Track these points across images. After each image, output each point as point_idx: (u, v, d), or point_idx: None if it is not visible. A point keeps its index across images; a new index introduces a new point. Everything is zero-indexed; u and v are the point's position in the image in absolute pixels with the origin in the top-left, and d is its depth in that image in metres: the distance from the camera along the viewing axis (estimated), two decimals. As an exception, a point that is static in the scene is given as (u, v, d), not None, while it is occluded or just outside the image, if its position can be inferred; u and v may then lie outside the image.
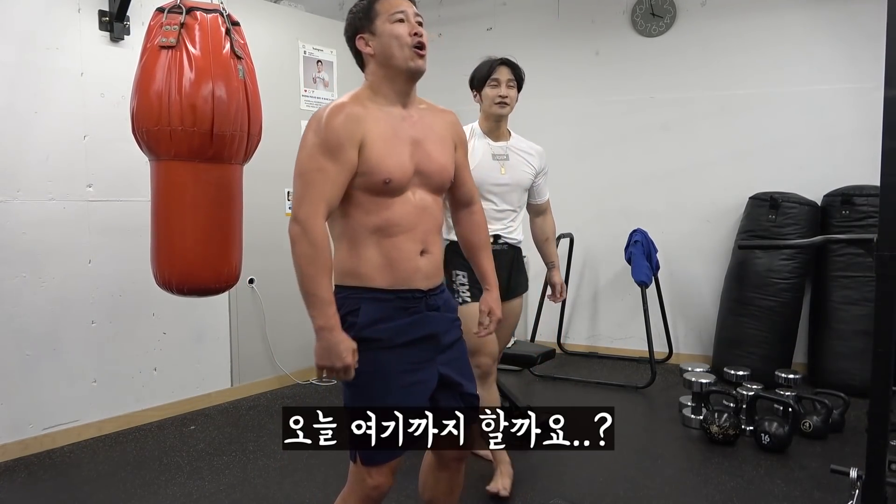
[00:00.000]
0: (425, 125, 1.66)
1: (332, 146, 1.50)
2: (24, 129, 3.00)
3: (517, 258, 2.68)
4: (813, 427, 3.15)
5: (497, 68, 2.56)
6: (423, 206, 1.62)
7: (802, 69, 4.25)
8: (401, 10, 1.60)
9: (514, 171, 2.57)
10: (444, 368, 1.66)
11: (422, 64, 1.61)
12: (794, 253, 4.01)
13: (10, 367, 2.98)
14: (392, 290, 1.58)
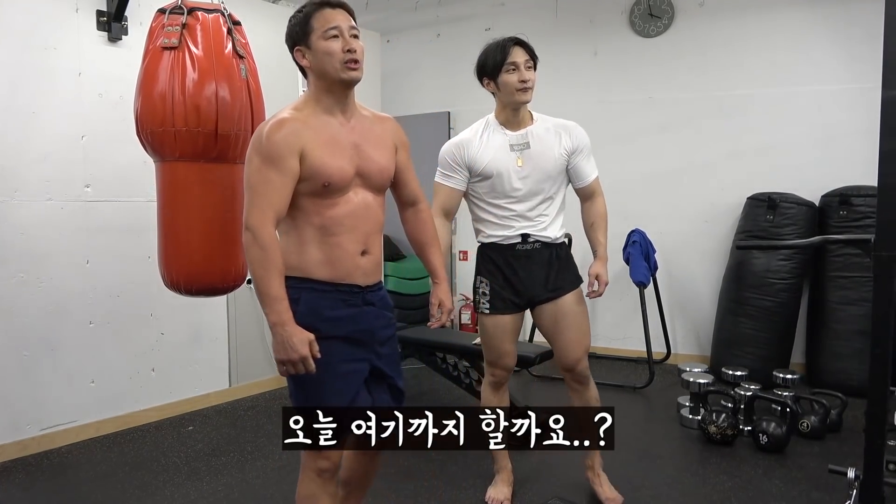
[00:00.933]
0: (365, 130, 1.77)
1: (274, 158, 1.61)
2: (23, 130, 3.00)
3: (558, 255, 2.40)
4: (811, 427, 3.16)
5: (511, 50, 2.26)
6: (366, 205, 1.74)
7: (800, 69, 4.26)
8: (334, 25, 1.67)
9: (536, 159, 2.31)
10: (377, 362, 1.79)
11: (355, 75, 1.69)
12: (791, 253, 4.02)
13: (8, 368, 2.98)
14: (331, 283, 1.70)
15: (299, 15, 1.72)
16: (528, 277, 2.37)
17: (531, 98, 2.31)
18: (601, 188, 2.46)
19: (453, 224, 5.44)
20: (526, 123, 2.37)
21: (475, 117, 2.58)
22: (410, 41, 5.60)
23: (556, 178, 2.36)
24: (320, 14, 1.69)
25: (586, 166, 2.40)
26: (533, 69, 2.30)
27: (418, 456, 2.97)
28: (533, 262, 2.37)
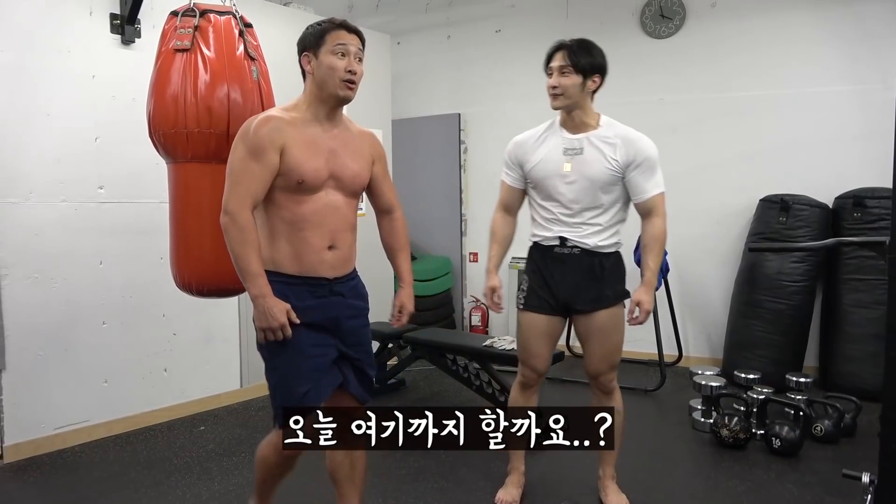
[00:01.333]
0: (344, 139, 1.94)
1: (256, 150, 1.77)
2: (37, 132, 3.03)
3: (602, 265, 2.34)
4: (824, 431, 3.13)
5: (553, 55, 2.29)
6: (335, 206, 1.89)
7: (813, 70, 4.22)
8: (344, 43, 1.85)
9: (584, 166, 2.27)
10: (344, 348, 1.93)
11: (349, 94, 1.88)
12: (805, 255, 3.99)
13: (22, 367, 3.01)
14: (300, 276, 1.86)
15: (318, 27, 1.88)
16: (563, 281, 2.36)
17: (561, 104, 2.30)
18: (663, 208, 2.33)
19: (463, 225, 5.46)
20: (586, 128, 2.31)
21: (486, 119, 2.59)
22: (421, 43, 5.61)
23: (606, 188, 2.29)
24: (336, 32, 1.85)
25: (643, 182, 2.29)
26: (573, 75, 2.24)
27: (428, 457, 2.97)
28: (570, 268, 2.34)
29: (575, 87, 2.25)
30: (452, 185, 5.47)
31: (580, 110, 2.31)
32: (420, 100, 5.57)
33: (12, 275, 2.96)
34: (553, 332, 2.45)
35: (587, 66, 2.25)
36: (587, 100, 2.32)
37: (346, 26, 1.88)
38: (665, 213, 2.33)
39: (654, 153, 2.30)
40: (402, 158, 5.21)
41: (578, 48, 2.25)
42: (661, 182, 2.32)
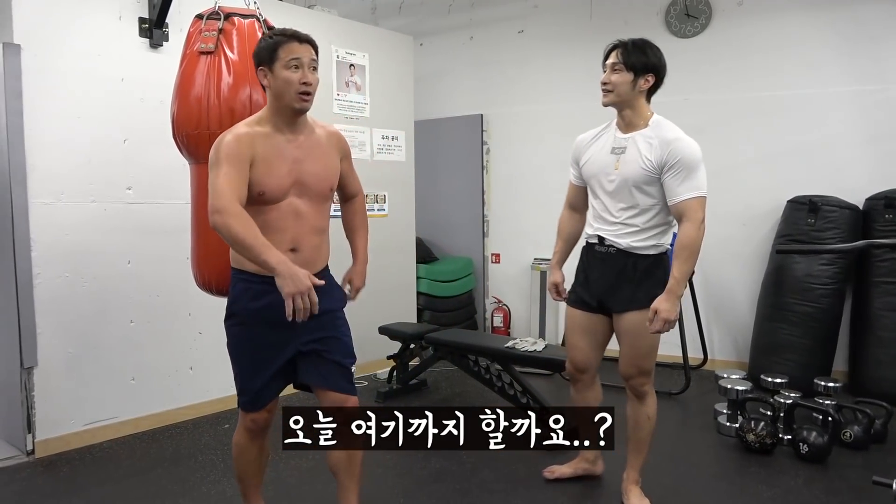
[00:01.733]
0: (309, 145, 2.00)
1: (232, 159, 1.85)
2: (68, 134, 3.09)
3: (637, 267, 2.32)
4: (854, 437, 3.06)
5: (608, 53, 2.33)
6: (297, 213, 1.97)
7: (842, 69, 4.14)
8: (297, 57, 1.90)
9: (625, 166, 2.28)
10: (308, 346, 2.01)
11: (305, 105, 1.94)
12: (834, 258, 3.91)
13: (53, 364, 3.07)
14: (259, 276, 1.92)
15: (269, 40, 1.93)
16: (598, 280, 2.42)
17: (610, 101, 2.34)
18: (699, 214, 2.21)
19: (485, 226, 5.46)
20: (635, 128, 2.32)
21: (508, 120, 2.63)
22: (443, 44, 5.62)
23: (641, 188, 2.27)
24: (288, 45, 1.90)
25: (675, 185, 2.22)
26: (624, 72, 2.27)
27: (450, 458, 2.97)
28: (606, 267, 2.38)
29: (625, 84, 2.27)
30: (474, 186, 5.46)
31: (630, 110, 2.32)
32: (443, 101, 5.58)
33: (44, 274, 3.03)
34: (592, 329, 2.50)
35: (639, 65, 2.26)
36: (639, 99, 2.32)
37: (298, 37, 1.92)
38: (699, 220, 2.21)
39: (689, 155, 2.22)
40: (424, 159, 5.23)
41: (633, 46, 2.28)
42: (697, 186, 2.22)
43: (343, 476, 2.11)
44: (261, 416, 2.09)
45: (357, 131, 4.39)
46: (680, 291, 2.23)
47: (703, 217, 2.22)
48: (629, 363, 2.41)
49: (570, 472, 2.76)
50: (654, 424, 2.47)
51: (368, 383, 4.28)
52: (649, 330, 2.24)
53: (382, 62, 4.55)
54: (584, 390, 2.60)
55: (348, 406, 2.01)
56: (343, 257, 2.31)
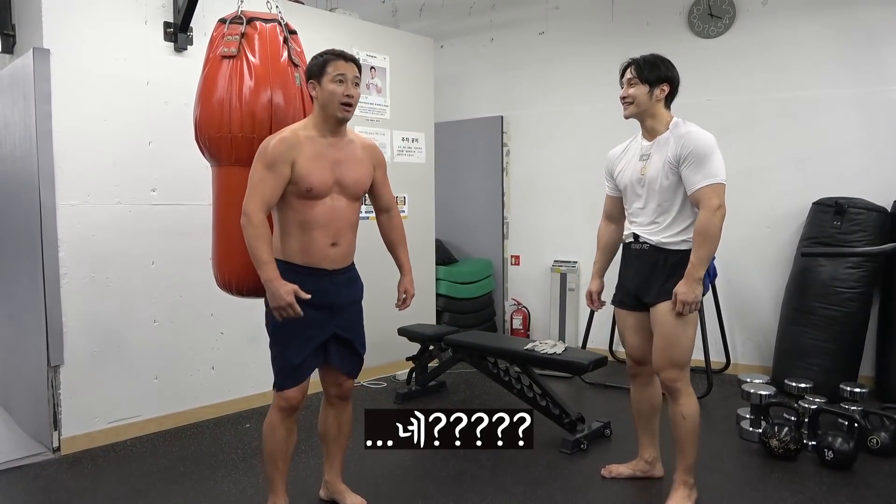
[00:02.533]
0: (348, 151, 2.29)
1: (272, 163, 2.14)
2: (95, 136, 3.15)
3: (667, 261, 2.43)
4: (880, 443, 3.00)
5: (624, 70, 2.51)
6: (339, 208, 2.25)
7: (868, 68, 4.06)
8: (342, 73, 2.19)
9: (650, 168, 2.45)
10: (339, 330, 2.32)
11: (347, 115, 2.22)
12: (860, 261, 3.83)
13: (79, 363, 3.13)
14: (305, 266, 2.23)
15: (320, 58, 2.21)
16: (636, 276, 2.54)
17: (631, 113, 2.49)
18: (713, 200, 2.30)
19: (505, 228, 5.45)
20: (657, 133, 2.47)
21: (529, 122, 2.68)
22: (464, 46, 5.62)
23: (666, 187, 2.40)
24: (336, 63, 2.19)
25: (691, 175, 2.34)
26: (639, 85, 2.44)
27: (469, 460, 2.97)
28: (641, 263, 2.51)
29: (642, 95, 2.44)
30: (494, 188, 5.46)
31: (651, 119, 2.48)
32: (463, 103, 5.59)
33: (71, 274, 3.09)
34: (642, 325, 2.59)
35: (653, 77, 2.43)
36: (658, 108, 2.47)
37: (344, 56, 2.22)
38: (714, 206, 2.29)
39: (701, 144, 2.34)
40: (444, 161, 5.24)
41: (644, 62, 2.46)
42: (711, 173, 2.32)
43: (332, 444, 2.51)
44: (295, 395, 2.30)
45: (377, 133, 4.41)
46: (697, 275, 2.33)
47: (718, 203, 2.31)
48: (660, 355, 2.47)
49: (629, 473, 2.79)
50: (692, 425, 2.48)
51: (388, 384, 4.29)
52: (671, 311, 2.37)
53: (403, 64, 4.57)
54: (643, 387, 2.70)
55: (346, 385, 2.46)
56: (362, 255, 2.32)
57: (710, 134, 2.39)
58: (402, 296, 2.48)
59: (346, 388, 2.45)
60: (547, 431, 3.18)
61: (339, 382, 2.43)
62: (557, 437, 3.16)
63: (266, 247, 2.13)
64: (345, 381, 2.43)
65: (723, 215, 2.31)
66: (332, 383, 2.44)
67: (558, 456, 3.06)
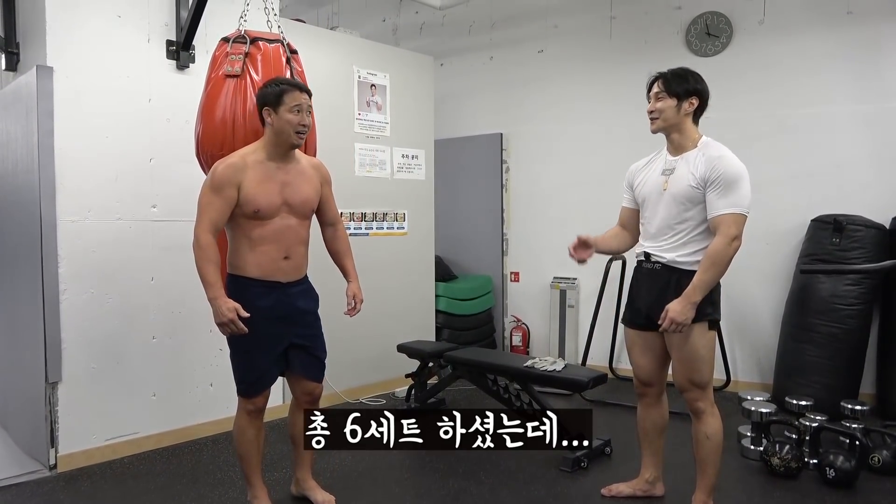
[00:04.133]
0: (296, 172, 2.40)
1: (217, 187, 2.26)
2: (97, 152, 3.17)
3: (678, 282, 2.37)
4: (882, 462, 2.98)
5: (651, 84, 2.48)
6: (288, 225, 2.38)
7: (867, 87, 4.09)
8: (298, 103, 2.30)
9: (674, 185, 2.39)
10: (296, 339, 2.46)
11: (300, 142, 2.36)
12: (860, 278, 3.84)
13: (77, 379, 3.12)
14: (259, 280, 2.36)
15: (276, 87, 2.31)
16: (647, 295, 2.50)
17: (658, 127, 2.45)
18: (732, 230, 2.28)
19: (504, 244, 5.46)
20: (684, 149, 2.43)
21: (528, 139, 2.68)
22: (464, 64, 5.67)
23: (687, 204, 2.36)
24: (292, 93, 2.30)
25: (715, 199, 2.31)
26: (667, 99, 2.41)
27: (469, 479, 2.95)
28: (652, 282, 2.47)
29: (670, 109, 2.40)
30: (494, 205, 5.47)
31: (678, 134, 2.44)
32: (463, 120, 5.62)
33: (70, 290, 3.09)
34: (649, 345, 2.56)
35: (681, 90, 2.40)
36: (686, 122, 2.43)
37: (300, 87, 2.34)
38: (731, 235, 2.28)
39: (732, 171, 2.32)
40: (444, 178, 5.26)
41: (672, 75, 2.43)
42: (735, 203, 2.30)
43: (299, 445, 2.56)
44: (259, 399, 2.46)
45: (377, 150, 4.43)
46: (695, 297, 2.29)
47: (736, 234, 2.29)
48: (681, 376, 2.46)
49: (629, 492, 2.76)
50: (715, 444, 2.46)
51: (387, 401, 4.27)
52: (663, 329, 2.34)
53: (403, 82, 4.60)
54: (649, 407, 2.67)
55: (317, 392, 2.58)
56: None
57: (741, 163, 2.35)
58: (352, 301, 2.58)
59: (315, 394, 2.58)
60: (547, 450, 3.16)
61: (308, 391, 2.55)
62: (558, 456, 3.14)
63: (212, 268, 2.25)
64: (314, 388, 2.56)
65: (737, 247, 2.29)
66: (302, 391, 2.56)
67: (559, 474, 3.04)
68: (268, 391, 2.47)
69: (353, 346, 4.17)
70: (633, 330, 2.61)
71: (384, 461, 3.19)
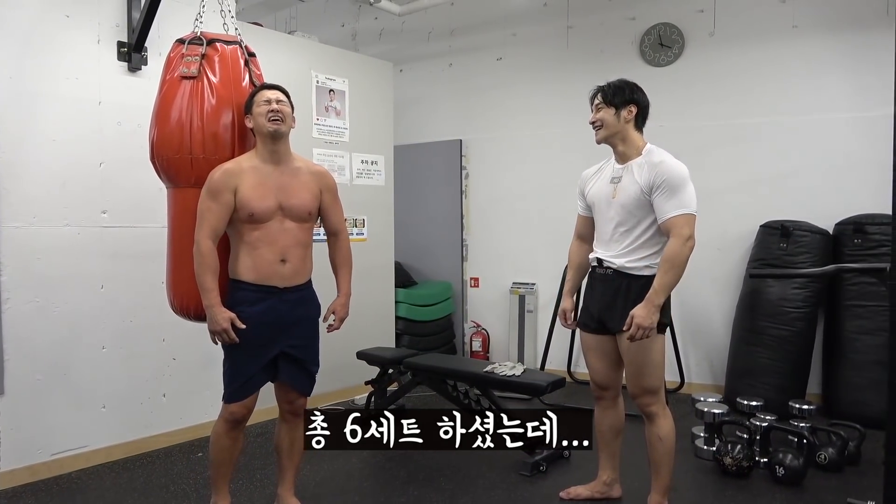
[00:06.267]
0: (293, 176, 2.38)
1: (214, 193, 2.26)
2: (43, 157, 3.06)
3: (630, 287, 2.44)
4: (829, 459, 3.09)
5: (593, 98, 2.56)
6: (285, 229, 2.34)
7: (812, 98, 4.26)
8: (266, 99, 2.33)
9: (622, 192, 2.45)
10: (289, 349, 2.38)
11: (277, 127, 2.31)
12: (806, 282, 3.98)
13: (20, 392, 2.99)
14: (255, 284, 2.32)
15: (249, 98, 2.36)
16: (600, 300, 2.54)
17: (601, 137, 2.52)
18: (685, 230, 2.34)
19: (464, 250, 5.48)
20: (629, 157, 2.49)
21: (487, 145, 2.70)
22: (423, 70, 5.68)
23: (634, 211, 2.42)
24: (260, 93, 2.35)
25: (662, 203, 2.36)
26: (605, 109, 2.48)
27: (428, 486, 2.94)
28: (605, 287, 2.52)
29: (610, 117, 2.48)
30: (454, 211, 5.49)
31: (622, 143, 2.50)
32: (422, 126, 5.63)
33: (14, 299, 2.97)
34: (603, 349, 2.60)
35: (619, 100, 2.47)
36: (629, 130, 2.50)
37: (267, 86, 2.38)
38: (684, 236, 2.34)
39: (674, 175, 2.37)
40: (404, 184, 5.25)
41: (610, 86, 2.51)
42: (683, 204, 2.36)
43: (284, 459, 2.55)
44: (239, 410, 2.37)
45: (336, 156, 4.40)
46: (657, 301, 2.33)
47: (689, 234, 2.35)
48: (632, 382, 2.50)
49: (587, 494, 2.79)
50: (668, 446, 2.51)
51: (346, 409, 4.22)
52: (629, 336, 2.35)
53: (362, 88, 4.58)
54: (606, 409, 2.70)
55: (298, 403, 2.50)
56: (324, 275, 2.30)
57: (684, 165, 2.41)
58: (331, 315, 2.51)
59: (297, 406, 2.49)
60: (506, 454, 3.18)
61: (290, 399, 2.48)
62: (517, 460, 3.16)
63: (211, 275, 2.25)
64: (296, 398, 2.48)
65: (692, 246, 2.35)
66: (284, 399, 2.49)
67: (518, 478, 3.06)
68: (251, 403, 2.38)
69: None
70: (588, 334, 2.64)
71: (343, 469, 3.15)
